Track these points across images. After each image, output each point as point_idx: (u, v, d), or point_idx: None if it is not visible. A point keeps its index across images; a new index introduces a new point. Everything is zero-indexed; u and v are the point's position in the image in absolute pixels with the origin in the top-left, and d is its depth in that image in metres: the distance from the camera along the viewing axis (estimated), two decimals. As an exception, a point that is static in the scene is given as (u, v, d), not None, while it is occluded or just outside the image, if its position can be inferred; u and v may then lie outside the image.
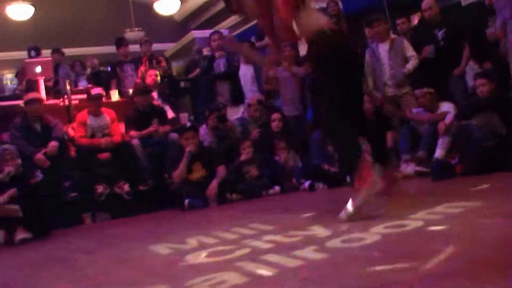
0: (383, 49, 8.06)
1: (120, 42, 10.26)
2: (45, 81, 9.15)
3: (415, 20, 10.47)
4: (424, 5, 8.16)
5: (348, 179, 7.11)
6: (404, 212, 3.94)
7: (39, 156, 7.28)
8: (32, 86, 9.06)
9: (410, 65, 7.87)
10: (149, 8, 14.76)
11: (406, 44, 8.03)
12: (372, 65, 8.11)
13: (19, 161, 6.77)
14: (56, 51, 11.03)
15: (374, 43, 8.18)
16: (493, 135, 6.08)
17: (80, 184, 7.57)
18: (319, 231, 3.78)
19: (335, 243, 3.30)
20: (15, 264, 4.79)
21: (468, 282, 2.17)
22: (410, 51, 7.94)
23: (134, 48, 10.92)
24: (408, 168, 6.85)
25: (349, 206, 4.04)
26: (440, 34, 8.00)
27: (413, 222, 3.56)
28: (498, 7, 3.99)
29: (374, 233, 3.39)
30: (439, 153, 6.45)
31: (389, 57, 7.99)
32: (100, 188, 7.47)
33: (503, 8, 3.93)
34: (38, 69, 9.07)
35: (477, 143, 5.92)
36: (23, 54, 11.49)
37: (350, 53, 4.57)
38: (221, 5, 15.32)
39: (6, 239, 6.18)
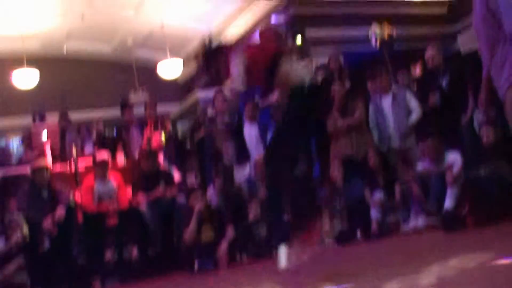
0: (386, 101, 8.08)
1: (125, 106, 10.32)
2: (51, 146, 9.18)
3: (416, 70, 10.55)
4: (427, 53, 8.20)
5: (358, 235, 7.09)
6: (417, 267, 3.88)
7: (47, 223, 7.26)
8: (38, 152, 9.08)
9: (414, 117, 7.88)
10: (152, 69, 14.92)
11: (409, 96, 8.06)
12: (376, 118, 8.12)
13: (27, 229, 6.77)
14: (62, 117, 11.07)
15: (377, 96, 8.21)
16: (503, 183, 6.02)
17: (88, 250, 7.52)
18: (331, 291, 3.72)
19: (348, 303, 3.24)
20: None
21: None
22: (413, 102, 7.96)
23: (139, 110, 10.96)
24: (419, 221, 6.79)
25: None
26: (444, 81, 8.02)
27: (427, 278, 3.50)
28: (483, 58, 4.00)
29: (388, 291, 3.33)
30: (448, 204, 6.37)
31: (392, 110, 8.00)
32: (108, 254, 7.41)
33: (486, 58, 3.94)
34: (44, 135, 9.11)
35: (486, 193, 5.86)
36: (29, 119, 11.56)
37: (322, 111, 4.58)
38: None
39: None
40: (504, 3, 3.60)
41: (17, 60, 13.52)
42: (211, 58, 4.79)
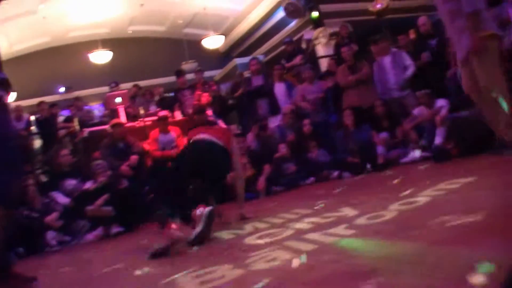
0: (386, 61, 8.02)
1: (179, 73, 10.36)
2: (124, 108, 9.29)
3: (411, 35, 10.39)
4: (419, 21, 8.20)
5: (368, 167, 7.12)
6: (414, 190, 3.93)
7: (124, 167, 7.43)
8: (114, 113, 9.22)
9: (409, 72, 7.85)
10: (198, 43, 14.95)
11: (404, 56, 8.01)
12: (379, 74, 8.07)
13: (109, 172, 6.93)
14: (135, 86, 11.38)
15: (379, 57, 8.15)
16: (481, 123, 5.96)
17: (156, 188, 7.65)
18: (348, 211, 3.79)
19: (361, 221, 3.30)
20: (114, 252, 4.92)
21: (465, 250, 2.16)
22: (408, 61, 7.92)
23: (190, 76, 11.04)
24: (415, 154, 6.81)
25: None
26: (433, 43, 7.96)
27: (422, 198, 3.56)
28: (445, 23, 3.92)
29: (392, 210, 3.39)
30: (438, 140, 6.39)
31: (392, 67, 7.96)
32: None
33: (446, 24, 3.86)
34: (118, 99, 9.22)
35: (468, 131, 5.82)
36: (106, 88, 11.77)
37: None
38: (257, 35, 15.45)
39: (104, 233, 6.37)
40: None
41: (93, 43, 13.88)
42: None
